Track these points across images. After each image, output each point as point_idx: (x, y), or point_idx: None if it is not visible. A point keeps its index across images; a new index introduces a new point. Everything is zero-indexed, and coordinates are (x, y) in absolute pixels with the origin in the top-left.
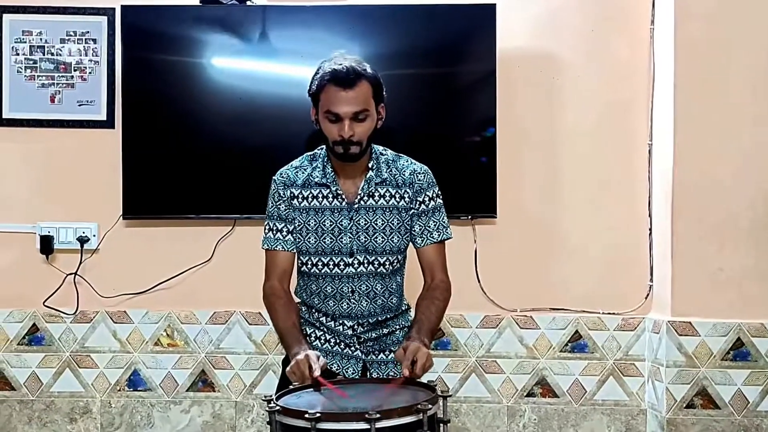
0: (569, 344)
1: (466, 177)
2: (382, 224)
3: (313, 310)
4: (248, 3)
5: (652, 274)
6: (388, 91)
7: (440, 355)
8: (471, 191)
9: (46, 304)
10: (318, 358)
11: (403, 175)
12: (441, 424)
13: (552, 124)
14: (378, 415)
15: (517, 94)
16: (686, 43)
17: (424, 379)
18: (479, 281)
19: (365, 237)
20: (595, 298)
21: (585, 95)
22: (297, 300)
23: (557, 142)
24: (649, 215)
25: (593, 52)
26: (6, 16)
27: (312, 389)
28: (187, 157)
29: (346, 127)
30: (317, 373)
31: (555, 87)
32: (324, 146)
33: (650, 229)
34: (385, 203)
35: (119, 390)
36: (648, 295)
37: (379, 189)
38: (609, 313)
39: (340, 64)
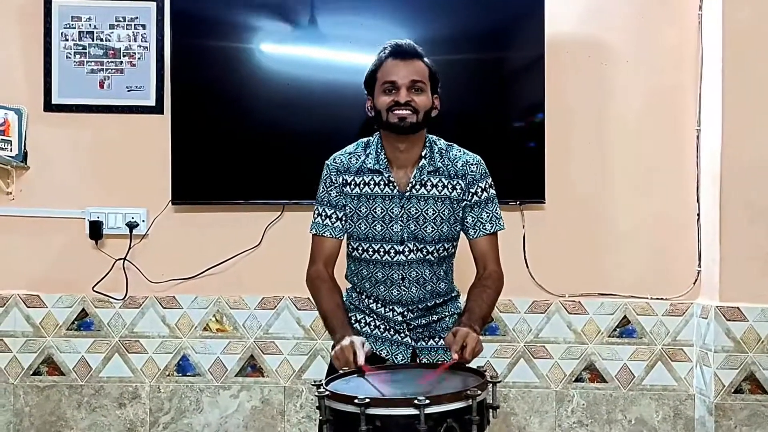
0: (617, 329)
1: (514, 162)
2: (433, 214)
3: (363, 296)
4: None
5: (700, 259)
6: (438, 76)
7: (489, 341)
8: (520, 177)
9: (95, 289)
10: (363, 344)
11: (456, 165)
12: (490, 410)
13: (600, 109)
14: (427, 401)
15: (565, 79)
16: (734, 28)
17: (473, 365)
18: (528, 266)
19: (415, 225)
20: (643, 283)
21: (633, 81)
22: (348, 285)
23: (605, 127)
24: (698, 200)
25: (642, 37)
26: (55, 2)
27: (357, 375)
28: (236, 143)
29: (402, 93)
30: (361, 360)
31: (603, 73)
32: (378, 133)
33: (698, 214)
34: (437, 193)
35: (168, 375)
36: (696, 280)
37: (431, 178)
38: (657, 299)
39: (398, 42)
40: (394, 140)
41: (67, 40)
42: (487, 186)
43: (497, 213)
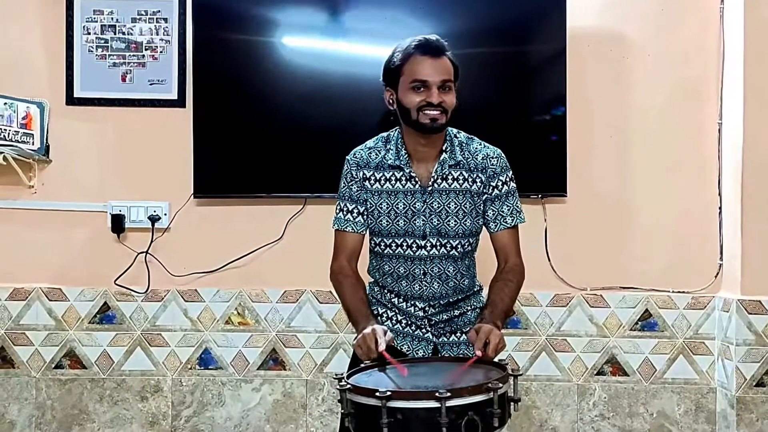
0: (639, 323)
1: (536, 156)
2: (455, 208)
3: (385, 291)
4: None
5: (721, 253)
6: (459, 70)
7: (510, 334)
8: (541, 170)
9: (117, 282)
10: (385, 332)
11: (476, 158)
12: (511, 403)
13: (622, 102)
14: (448, 394)
15: (587, 73)
16: (756, 21)
17: (495, 358)
18: (549, 260)
19: (438, 220)
20: (664, 277)
21: (655, 74)
22: (369, 279)
23: (627, 120)
24: (719, 194)
25: (663, 31)
26: None
27: (382, 367)
28: (258, 136)
29: (434, 94)
30: (382, 347)
31: (625, 66)
32: (397, 128)
33: (720, 208)
34: (458, 186)
35: (190, 368)
36: (718, 273)
37: (452, 172)
38: (679, 292)
39: (426, 37)
40: (417, 136)
41: (89, 33)
42: (508, 179)
43: (518, 206)
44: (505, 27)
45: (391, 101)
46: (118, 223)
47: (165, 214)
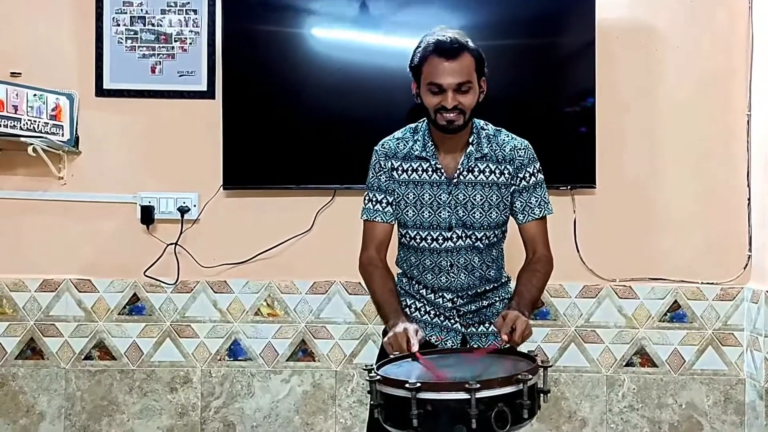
0: (668, 314)
1: (565, 147)
2: (481, 200)
3: (413, 282)
4: None
5: (750, 244)
6: (488, 61)
7: (539, 325)
8: (570, 161)
9: (146, 274)
10: (416, 332)
11: (504, 150)
12: (541, 394)
13: (651, 94)
14: (478, 385)
15: (616, 64)
16: None
17: (523, 349)
18: (578, 251)
19: (463, 212)
20: (693, 268)
21: (684, 66)
22: (398, 270)
23: (656, 112)
24: (748, 185)
25: (692, 22)
26: None
27: (412, 360)
28: (287, 128)
29: (449, 98)
30: (415, 348)
31: (654, 57)
32: (425, 119)
33: (749, 199)
34: (484, 179)
35: (219, 360)
36: (747, 264)
37: (479, 164)
38: (708, 283)
39: (443, 36)
40: (443, 132)
41: (118, 25)
42: (535, 171)
43: (545, 197)
44: (535, 18)
45: (416, 95)
46: (147, 215)
47: (194, 206)
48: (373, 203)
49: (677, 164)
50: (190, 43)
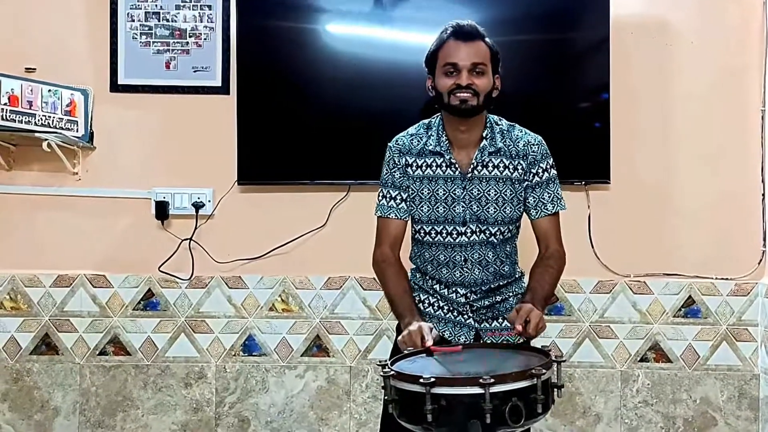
0: (682, 309)
1: (579, 143)
2: (495, 195)
3: (427, 277)
4: None
5: (765, 239)
6: (503, 56)
7: (554, 320)
8: (584, 157)
9: (161, 269)
10: (431, 329)
11: (518, 146)
12: (555, 389)
13: (665, 89)
14: (492, 380)
15: (630, 60)
16: None
17: (538, 344)
18: (593, 247)
19: (477, 207)
20: (708, 264)
21: (698, 61)
22: (411, 266)
23: (670, 107)
24: (762, 180)
25: (706, 18)
26: None
27: (426, 355)
28: (302, 123)
29: (464, 76)
30: (429, 343)
31: (668, 53)
32: (439, 114)
33: (763, 194)
34: (498, 174)
35: (234, 355)
36: (761, 260)
37: (492, 159)
38: (722, 279)
39: (461, 22)
40: (456, 122)
41: (133, 20)
42: (549, 166)
43: (558, 193)
44: (550, 14)
45: (430, 88)
46: (162, 210)
47: (209, 201)
48: (387, 200)
49: (691, 160)
50: (205, 39)
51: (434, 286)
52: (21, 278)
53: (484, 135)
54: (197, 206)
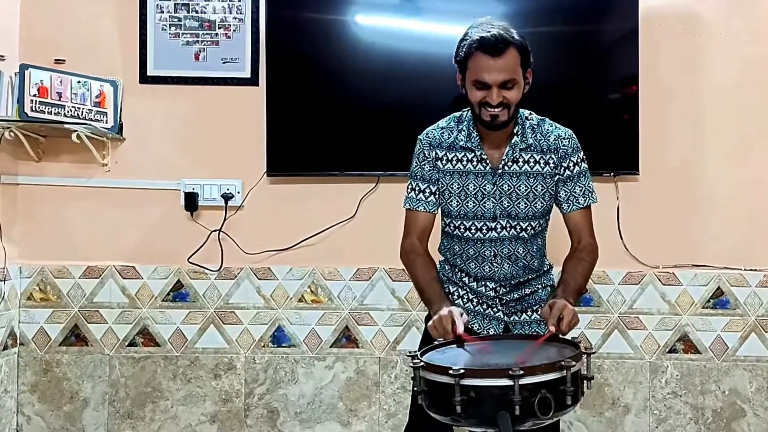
0: (711, 300)
1: (608, 134)
2: (526, 190)
3: (456, 270)
4: None
5: None
6: (532, 49)
7: (583, 312)
8: (614, 148)
9: (190, 260)
10: (461, 314)
11: (548, 140)
12: (584, 381)
13: (694, 81)
14: (521, 372)
15: (659, 51)
16: None
17: (567, 336)
18: (622, 238)
19: (508, 202)
20: (736, 255)
21: (727, 52)
22: (440, 258)
23: (699, 99)
24: None
25: (735, 9)
26: None
27: (456, 345)
28: (331, 115)
29: (494, 94)
30: (460, 329)
31: (697, 44)
32: (469, 109)
33: None
34: (529, 169)
35: (263, 346)
36: None
37: (523, 155)
38: (751, 270)
39: (488, 32)
40: (487, 128)
41: (162, 12)
42: (579, 160)
43: (590, 186)
44: (579, 6)
45: (461, 85)
46: (191, 201)
47: (238, 192)
48: (416, 192)
49: (720, 151)
50: (234, 30)
51: (463, 279)
52: (50, 269)
53: (515, 131)
54: (226, 197)
